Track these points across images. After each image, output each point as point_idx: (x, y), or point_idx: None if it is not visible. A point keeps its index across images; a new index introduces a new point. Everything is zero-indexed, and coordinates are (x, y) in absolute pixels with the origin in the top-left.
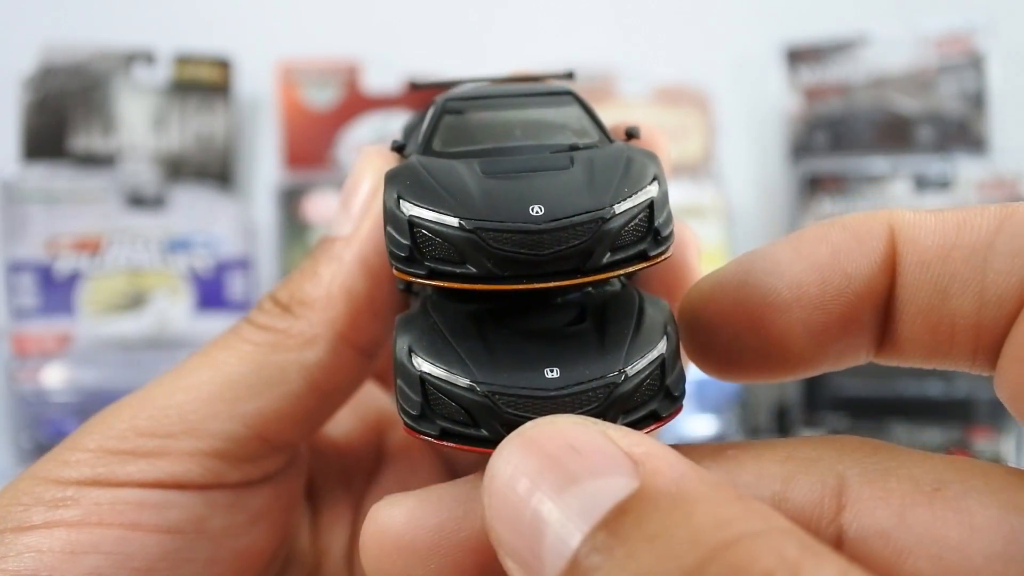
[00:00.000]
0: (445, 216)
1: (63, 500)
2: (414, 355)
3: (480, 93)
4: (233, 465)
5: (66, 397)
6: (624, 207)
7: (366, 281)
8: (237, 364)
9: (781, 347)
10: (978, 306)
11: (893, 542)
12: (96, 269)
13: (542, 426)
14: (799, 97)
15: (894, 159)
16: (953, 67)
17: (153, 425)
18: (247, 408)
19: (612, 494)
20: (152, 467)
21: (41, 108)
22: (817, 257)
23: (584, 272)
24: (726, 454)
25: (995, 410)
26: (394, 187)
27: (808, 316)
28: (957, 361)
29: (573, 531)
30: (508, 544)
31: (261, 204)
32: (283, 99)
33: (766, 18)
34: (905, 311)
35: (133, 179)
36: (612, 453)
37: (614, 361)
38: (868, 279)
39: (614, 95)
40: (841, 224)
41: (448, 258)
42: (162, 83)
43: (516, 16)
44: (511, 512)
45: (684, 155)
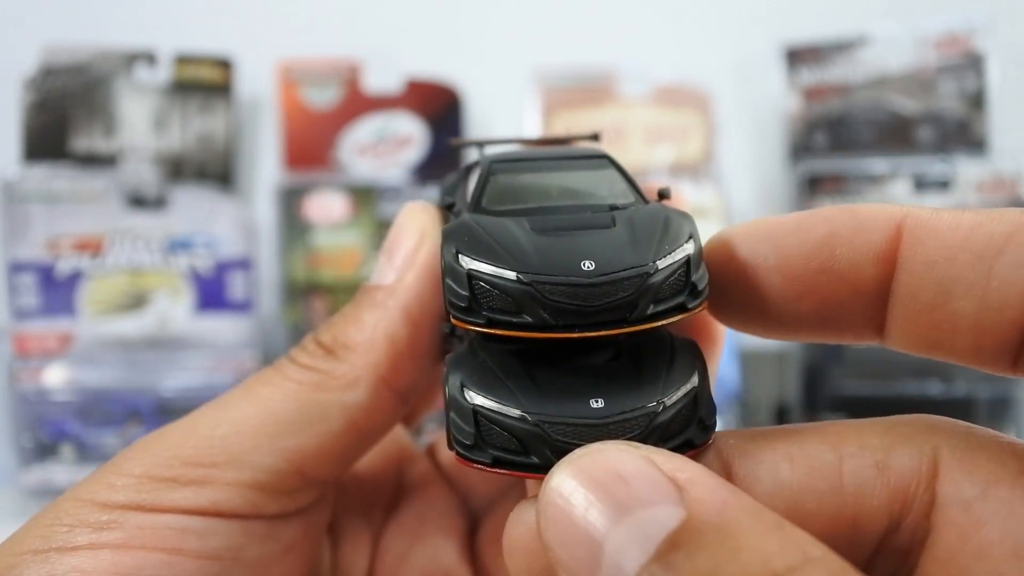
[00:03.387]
0: (503, 270)
1: (108, 523)
2: (466, 389)
3: (525, 156)
4: (271, 497)
5: (67, 397)
6: (665, 263)
7: (407, 328)
8: (281, 401)
9: (762, 308)
10: (979, 310)
11: (973, 512)
12: (97, 269)
13: (590, 454)
14: (799, 97)
15: (894, 159)
16: (953, 67)
17: (197, 455)
18: (289, 444)
19: (662, 525)
20: (196, 495)
21: (42, 108)
22: (813, 234)
23: (630, 322)
24: (830, 430)
25: (995, 410)
26: (452, 243)
27: (787, 285)
28: (959, 358)
29: (629, 562)
30: (566, 565)
31: (261, 204)
32: (283, 99)
33: (766, 18)
34: (907, 305)
35: (134, 179)
36: (657, 480)
37: (653, 392)
38: (856, 265)
39: (614, 95)
40: (852, 211)
41: (505, 308)
42: (163, 83)
43: (516, 16)
44: (567, 536)
45: (684, 155)
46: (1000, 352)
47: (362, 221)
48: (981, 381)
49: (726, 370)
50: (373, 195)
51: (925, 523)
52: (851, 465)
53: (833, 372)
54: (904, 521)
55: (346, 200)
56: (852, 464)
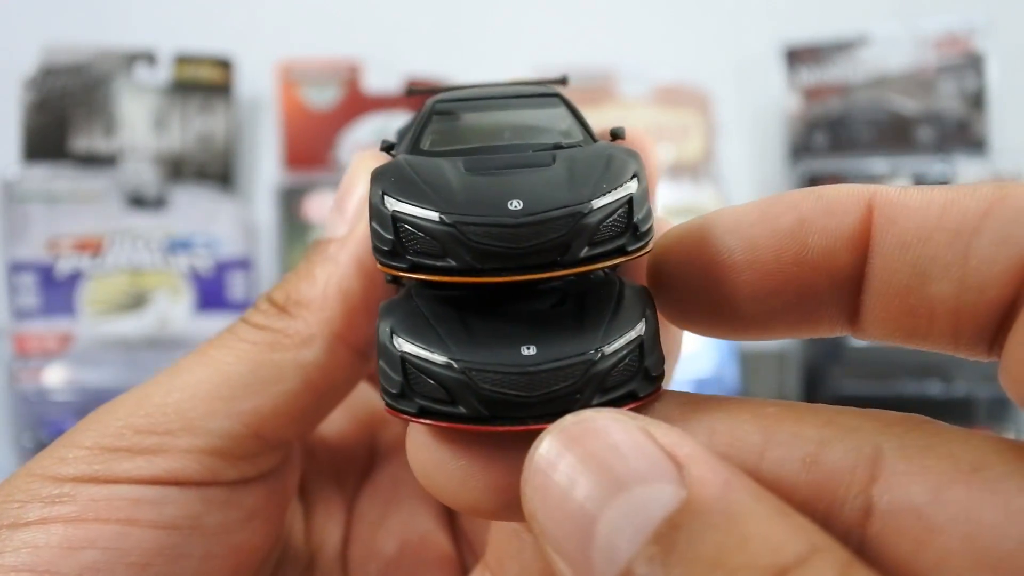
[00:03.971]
0: (426, 211)
1: (59, 497)
2: (395, 336)
3: (469, 95)
4: (230, 463)
5: (67, 397)
6: (602, 203)
7: (361, 281)
8: (234, 363)
9: (731, 307)
10: (958, 291)
11: (925, 518)
12: (97, 269)
13: (582, 422)
14: (799, 97)
15: (894, 159)
16: (952, 67)
17: (150, 423)
18: (244, 406)
19: (662, 504)
20: (149, 464)
21: (42, 108)
22: (780, 223)
23: (561, 265)
24: (767, 411)
25: (995, 410)
26: (379, 184)
27: (759, 281)
28: (937, 344)
29: (625, 541)
30: (553, 538)
31: (261, 204)
32: (283, 99)
33: (766, 18)
34: (881, 291)
35: (134, 179)
36: (655, 456)
37: (591, 340)
38: (830, 253)
39: (614, 95)
40: (817, 194)
41: (429, 252)
42: (163, 83)
43: (516, 16)
44: (555, 510)
45: (684, 155)
46: (978, 335)
47: None
48: (981, 381)
49: (726, 370)
50: None
51: (859, 530)
52: (776, 454)
53: (833, 372)
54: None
55: None
56: (777, 453)
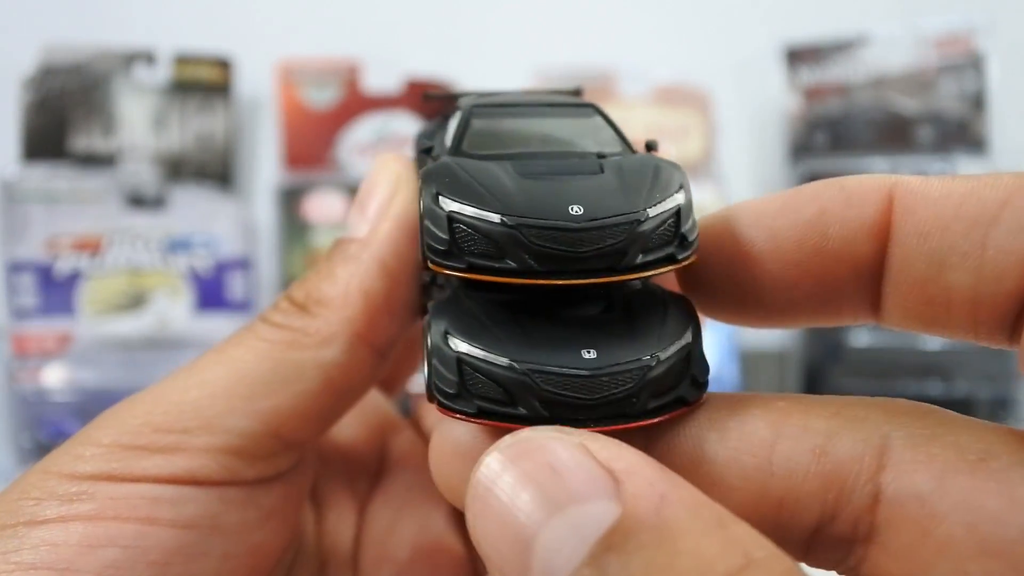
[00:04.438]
0: (486, 212)
1: (78, 495)
2: (450, 337)
3: (507, 101)
4: (248, 462)
5: (66, 397)
6: (656, 211)
7: (383, 281)
8: (253, 361)
9: (755, 296)
10: (976, 281)
11: (929, 506)
12: (96, 269)
13: (522, 441)
14: (799, 97)
15: (894, 159)
16: (953, 67)
17: (168, 421)
18: (263, 405)
19: (596, 523)
20: (168, 463)
21: (41, 108)
22: (802, 214)
23: (618, 271)
24: (776, 405)
25: (995, 410)
26: (432, 184)
27: (782, 271)
28: (956, 332)
29: (563, 561)
30: (496, 563)
31: (261, 204)
32: (283, 99)
33: (766, 18)
34: (901, 279)
35: (133, 179)
36: (592, 472)
37: (647, 346)
38: (851, 242)
39: (614, 95)
40: (839, 185)
41: (487, 253)
42: (162, 83)
43: (516, 16)
44: (494, 532)
45: (684, 155)
46: (997, 324)
47: None
48: (981, 381)
49: (725, 369)
50: None
51: (869, 516)
52: (785, 447)
53: (833, 371)
54: (842, 513)
55: (346, 200)
56: (787, 446)
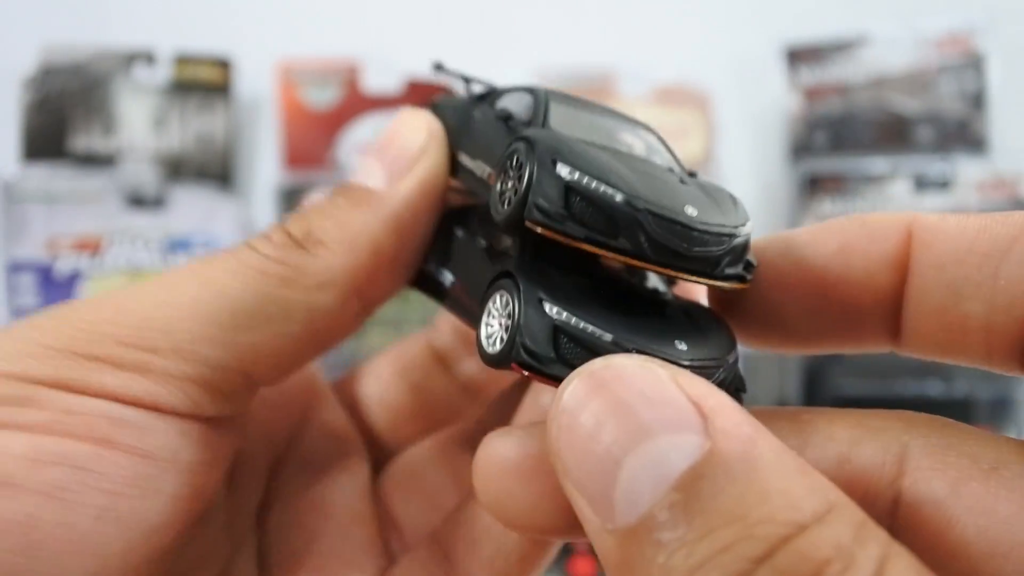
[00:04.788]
0: (610, 190)
1: (26, 399)
2: (545, 303)
3: (578, 97)
4: (212, 397)
5: None
6: (744, 232)
7: (395, 238)
8: (238, 289)
9: (780, 323)
10: (989, 310)
11: (944, 510)
12: (96, 269)
13: (612, 367)
14: (799, 97)
15: (894, 159)
16: (953, 67)
17: (134, 336)
18: (242, 339)
19: (686, 453)
20: (133, 382)
21: (41, 108)
22: (828, 246)
23: (709, 276)
24: (801, 418)
25: (995, 410)
26: (545, 149)
27: (807, 299)
28: (972, 359)
29: (648, 488)
30: (575, 478)
31: (261, 204)
32: (283, 99)
33: (766, 18)
34: (919, 309)
35: (133, 179)
36: (682, 405)
37: (722, 349)
38: (872, 275)
39: (614, 95)
40: (861, 221)
41: (601, 228)
42: (162, 83)
43: (516, 16)
44: (580, 449)
45: (684, 155)
46: (1010, 351)
47: None
48: (981, 381)
49: None
50: None
51: (888, 521)
52: (811, 455)
53: (833, 372)
54: None
55: None
56: (813, 454)
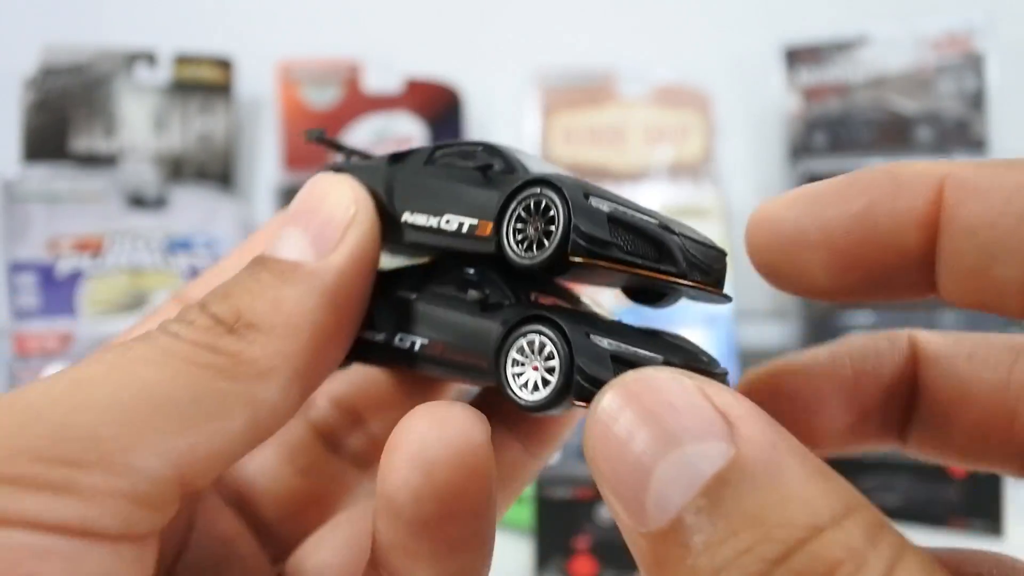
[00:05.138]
0: (647, 217)
1: None
2: (593, 336)
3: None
4: (148, 512)
5: None
6: None
7: (333, 315)
8: (169, 385)
9: (809, 279)
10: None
11: None
12: (97, 269)
13: (643, 379)
14: (798, 97)
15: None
16: (952, 67)
17: (53, 447)
18: (179, 444)
19: (712, 460)
20: (58, 505)
21: (42, 108)
22: (852, 206)
23: (720, 288)
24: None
25: None
26: (571, 187)
27: (831, 259)
28: (1012, 316)
29: (677, 493)
30: (611, 483)
31: (261, 204)
32: (283, 99)
33: (766, 18)
34: (953, 270)
35: (134, 179)
36: (708, 414)
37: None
38: (899, 234)
39: (614, 95)
40: (892, 174)
41: (644, 253)
42: (163, 83)
43: (516, 16)
44: (615, 457)
45: (684, 155)
46: None
47: None
48: None
49: None
50: None
51: None
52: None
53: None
54: None
55: None
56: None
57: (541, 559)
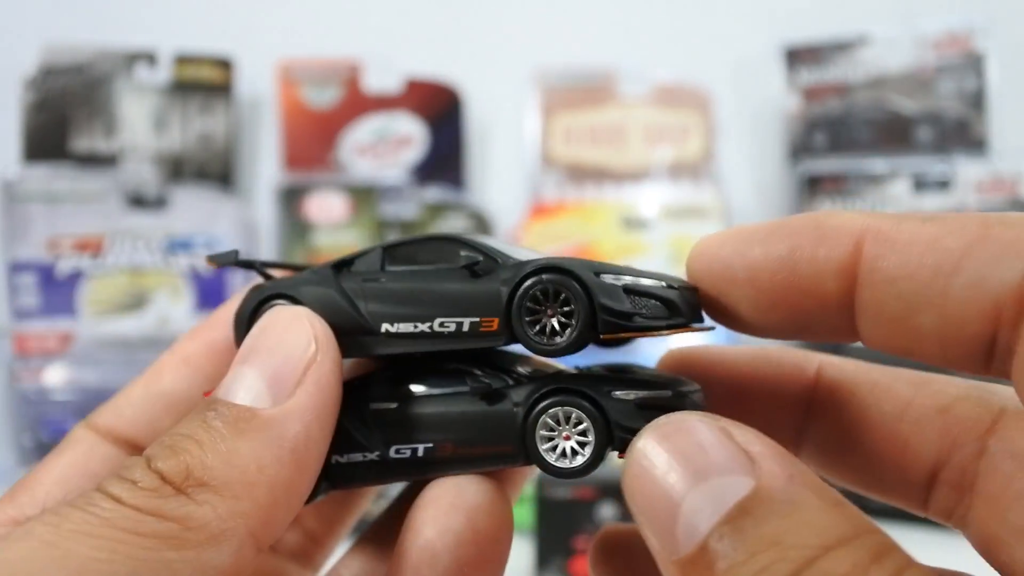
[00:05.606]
0: (653, 280)
1: None
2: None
3: None
4: None
5: (67, 396)
6: None
7: (292, 469)
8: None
9: (736, 314)
10: (942, 325)
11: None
12: (97, 269)
13: (673, 423)
14: (798, 97)
15: (893, 159)
16: (952, 67)
17: None
18: None
19: (734, 492)
20: None
21: (42, 108)
22: (777, 249)
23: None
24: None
25: None
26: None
27: (757, 297)
28: (930, 361)
29: (703, 521)
30: (646, 515)
31: (261, 204)
32: (283, 99)
33: (766, 18)
34: (873, 318)
35: (134, 179)
36: (732, 451)
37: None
38: (818, 280)
39: (614, 95)
40: (816, 222)
41: (659, 314)
42: (163, 83)
43: (516, 16)
44: (649, 493)
45: (684, 155)
46: (969, 359)
47: (362, 221)
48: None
49: None
50: (373, 195)
51: (974, 465)
52: (920, 402)
53: None
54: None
55: (346, 200)
56: (921, 402)
57: (541, 559)
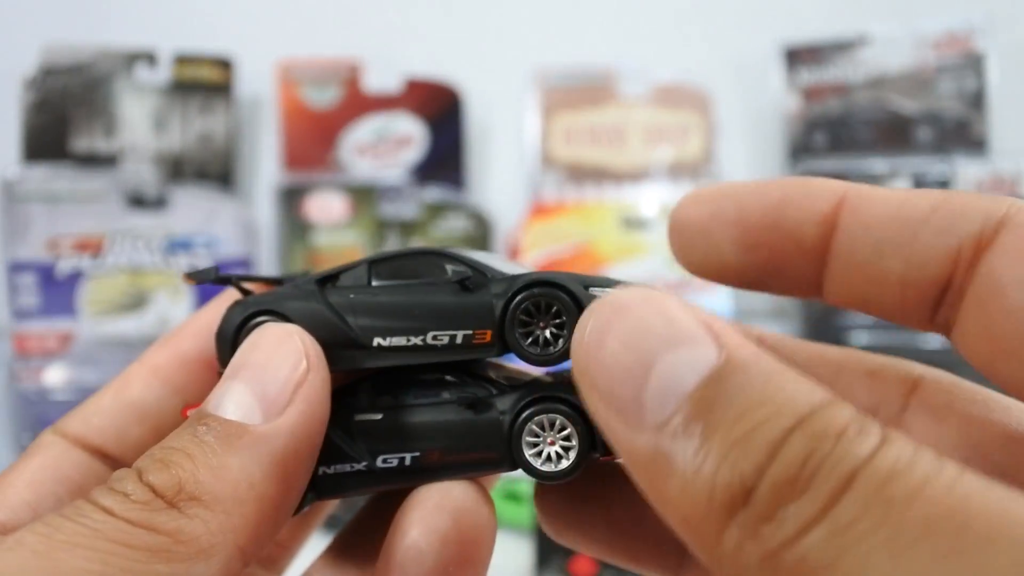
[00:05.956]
0: None
1: None
2: None
3: None
4: None
5: (67, 396)
6: None
7: (281, 485)
8: (98, 573)
9: (718, 254)
10: (906, 267)
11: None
12: (97, 269)
13: (631, 294)
14: (798, 97)
15: (893, 159)
16: (952, 67)
17: None
18: None
19: (706, 360)
20: None
21: (42, 108)
22: (769, 197)
23: None
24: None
25: None
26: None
27: (741, 235)
28: (886, 311)
29: (674, 390)
30: (605, 391)
31: (261, 204)
32: (283, 99)
33: (766, 18)
34: (844, 262)
35: (134, 179)
36: (701, 321)
37: None
38: (802, 224)
39: (614, 95)
40: (804, 181)
41: None
42: (163, 83)
43: (516, 16)
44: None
45: (684, 155)
46: (921, 307)
47: (362, 221)
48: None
49: None
50: (373, 195)
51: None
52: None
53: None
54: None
55: (346, 200)
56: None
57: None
